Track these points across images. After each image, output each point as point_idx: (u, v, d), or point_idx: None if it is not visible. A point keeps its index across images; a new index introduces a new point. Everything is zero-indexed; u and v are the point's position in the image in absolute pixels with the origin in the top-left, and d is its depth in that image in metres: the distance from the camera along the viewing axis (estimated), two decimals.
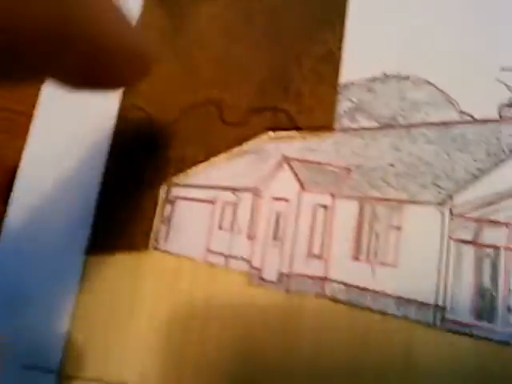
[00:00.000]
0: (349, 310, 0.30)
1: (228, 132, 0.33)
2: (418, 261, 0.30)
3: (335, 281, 0.31)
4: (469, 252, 0.30)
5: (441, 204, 0.31)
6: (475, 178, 0.31)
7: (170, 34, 0.35)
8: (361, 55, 0.34)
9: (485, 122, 0.33)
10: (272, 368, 0.28)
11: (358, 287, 0.31)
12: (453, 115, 0.33)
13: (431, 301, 0.30)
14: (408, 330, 0.29)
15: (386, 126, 0.33)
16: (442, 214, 0.31)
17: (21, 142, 0.34)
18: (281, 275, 0.31)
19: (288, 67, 0.34)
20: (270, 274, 0.31)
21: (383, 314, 0.30)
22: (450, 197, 0.31)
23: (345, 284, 0.31)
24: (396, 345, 0.29)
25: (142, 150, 0.33)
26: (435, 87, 0.33)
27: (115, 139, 0.33)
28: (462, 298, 0.30)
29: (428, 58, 0.34)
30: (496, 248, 0.30)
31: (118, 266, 0.32)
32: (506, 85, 0.33)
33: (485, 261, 0.30)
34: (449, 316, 0.30)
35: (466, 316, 0.30)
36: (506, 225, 0.30)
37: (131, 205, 0.32)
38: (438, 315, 0.30)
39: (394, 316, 0.30)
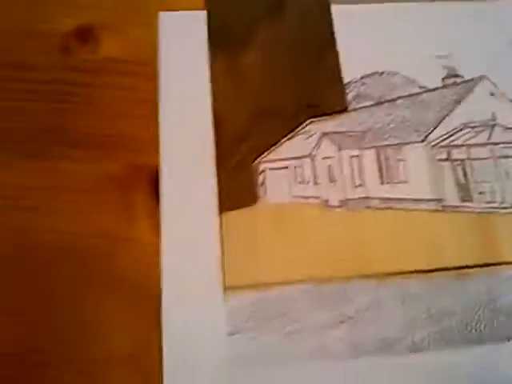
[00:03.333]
0: (383, 211, 0.51)
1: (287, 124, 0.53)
2: (419, 177, 0.51)
3: (373, 197, 0.51)
4: (446, 165, 0.52)
5: (423, 141, 0.52)
6: (438, 122, 0.53)
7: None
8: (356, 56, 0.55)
9: (436, 89, 0.55)
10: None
11: (386, 198, 0.51)
12: (415, 89, 0.55)
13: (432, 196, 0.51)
14: (427, 216, 0.50)
15: (378, 103, 0.54)
16: (425, 146, 0.52)
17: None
18: (340, 201, 0.51)
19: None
20: (334, 201, 0.51)
21: (405, 210, 0.51)
22: (426, 136, 0.53)
23: (379, 198, 0.51)
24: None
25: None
26: (403, 75, 0.55)
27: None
28: None
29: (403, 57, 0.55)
30: (462, 160, 0.52)
31: (241, 216, 0.50)
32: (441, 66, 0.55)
33: (457, 168, 0.52)
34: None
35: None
36: (464, 145, 0.52)
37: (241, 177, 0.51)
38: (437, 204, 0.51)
39: (410, 209, 0.51)
